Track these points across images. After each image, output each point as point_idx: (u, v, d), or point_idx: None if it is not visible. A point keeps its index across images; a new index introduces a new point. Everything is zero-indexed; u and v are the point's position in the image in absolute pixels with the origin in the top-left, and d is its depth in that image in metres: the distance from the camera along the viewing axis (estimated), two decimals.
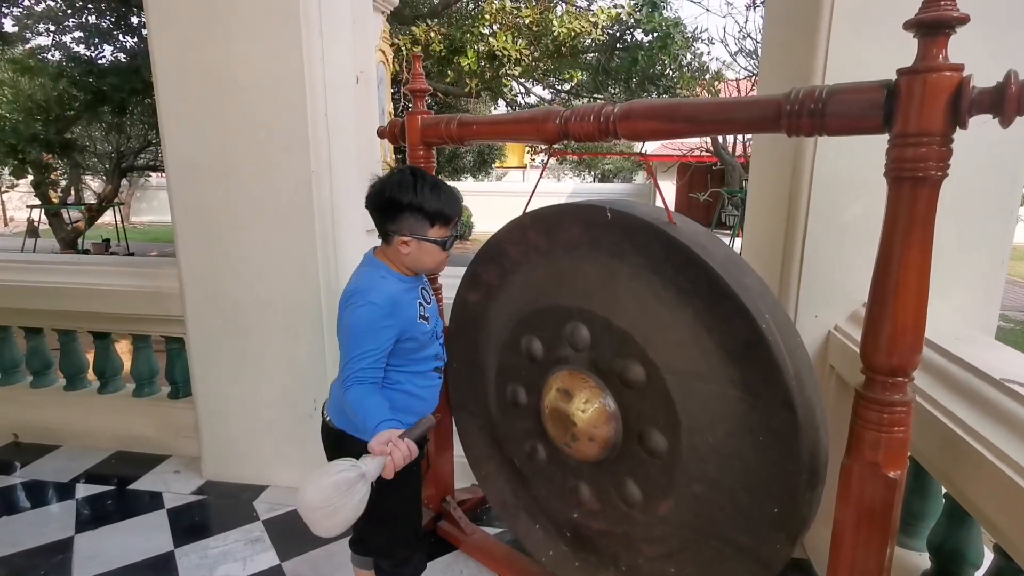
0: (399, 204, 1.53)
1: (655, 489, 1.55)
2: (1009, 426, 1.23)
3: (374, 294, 1.52)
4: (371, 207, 1.59)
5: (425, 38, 8.52)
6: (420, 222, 1.55)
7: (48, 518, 2.51)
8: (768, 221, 2.16)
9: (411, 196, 1.53)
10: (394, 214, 1.54)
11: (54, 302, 2.95)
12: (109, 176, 12.65)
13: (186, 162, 2.47)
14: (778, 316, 1.32)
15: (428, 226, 1.56)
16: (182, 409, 3.01)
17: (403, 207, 1.53)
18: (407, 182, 1.54)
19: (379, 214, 1.58)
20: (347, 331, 1.52)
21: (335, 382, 1.67)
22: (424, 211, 1.54)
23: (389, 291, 1.55)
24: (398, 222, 1.54)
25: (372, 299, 1.51)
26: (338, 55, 2.45)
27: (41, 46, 9.29)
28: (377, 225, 1.59)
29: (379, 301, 1.51)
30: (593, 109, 1.53)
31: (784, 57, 2.15)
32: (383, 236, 1.59)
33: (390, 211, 1.54)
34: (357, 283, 1.57)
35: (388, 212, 1.55)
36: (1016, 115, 0.96)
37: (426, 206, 1.54)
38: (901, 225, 1.06)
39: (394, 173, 1.57)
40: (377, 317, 1.51)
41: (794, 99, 1.16)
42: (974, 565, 1.49)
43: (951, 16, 0.97)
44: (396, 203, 1.53)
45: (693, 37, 9.39)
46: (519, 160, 23.55)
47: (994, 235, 1.84)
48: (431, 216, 1.55)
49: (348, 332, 1.52)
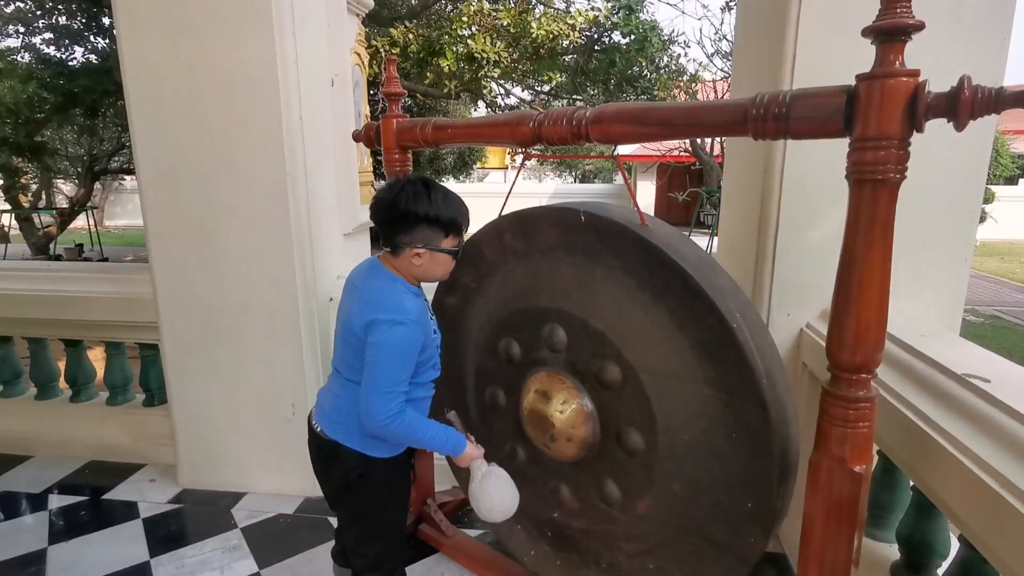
0: (415, 216, 1.48)
1: (634, 487, 1.57)
2: (970, 420, 1.27)
3: (411, 312, 1.47)
4: (382, 219, 1.53)
5: (403, 40, 8.48)
6: (435, 233, 1.51)
7: (20, 530, 2.46)
8: (741, 221, 2.20)
9: (427, 207, 1.48)
10: (409, 226, 1.49)
11: (24, 309, 2.89)
12: (82, 180, 12.40)
13: (158, 165, 2.43)
14: (749, 316, 1.35)
15: (443, 237, 1.53)
16: (157, 417, 2.97)
17: (420, 219, 1.48)
18: (421, 193, 1.49)
19: (391, 225, 1.51)
20: (385, 354, 1.44)
21: (327, 390, 1.65)
22: (440, 222, 1.51)
23: (418, 307, 1.51)
24: (412, 233, 1.49)
25: (411, 317, 1.47)
26: (313, 57, 2.44)
27: (10, 48, 9.08)
28: (387, 236, 1.53)
29: (416, 318, 1.48)
30: (566, 113, 1.55)
31: (755, 60, 2.19)
32: (393, 247, 1.53)
33: (405, 223, 1.49)
34: (386, 302, 1.49)
35: (402, 224, 1.49)
36: (969, 119, 0.99)
37: (442, 217, 1.50)
38: (863, 226, 1.09)
39: (403, 184, 1.51)
40: (417, 337, 1.48)
41: (759, 103, 1.19)
42: (941, 555, 1.54)
43: (907, 23, 1.00)
44: (412, 215, 1.48)
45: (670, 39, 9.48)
46: (500, 161, 23.58)
47: (957, 233, 1.90)
48: (446, 227, 1.52)
49: (387, 352, 1.44)
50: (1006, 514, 1.07)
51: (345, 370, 1.57)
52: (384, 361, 1.44)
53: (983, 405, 1.27)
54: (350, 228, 2.87)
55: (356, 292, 1.56)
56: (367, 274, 1.58)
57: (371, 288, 1.54)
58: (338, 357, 1.60)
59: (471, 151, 16.97)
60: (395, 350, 1.44)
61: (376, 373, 1.44)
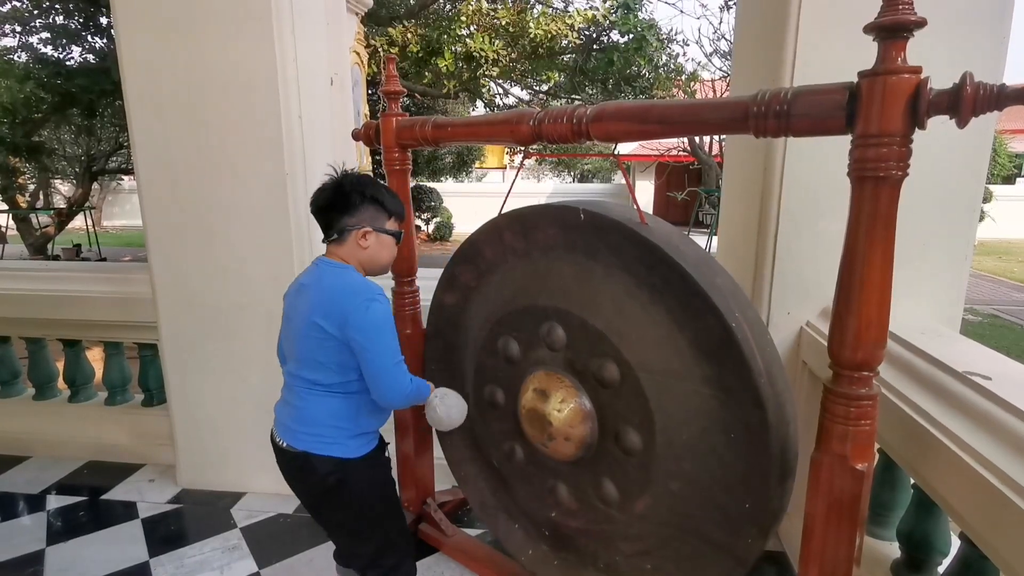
0: (361, 195, 1.53)
1: (632, 487, 1.57)
2: (971, 418, 1.27)
3: (377, 289, 1.50)
4: (326, 205, 1.55)
5: (402, 39, 8.48)
6: (380, 214, 1.56)
7: (18, 531, 2.45)
8: (741, 220, 2.20)
9: (371, 189, 1.55)
10: (354, 207, 1.53)
11: (22, 309, 2.88)
12: (79, 180, 12.37)
13: (157, 165, 2.43)
14: (748, 315, 1.35)
15: (387, 218, 1.58)
16: (156, 417, 2.96)
17: (365, 198, 1.53)
18: (364, 178, 1.57)
19: (334, 211, 1.54)
20: (375, 330, 1.46)
21: (285, 404, 1.63)
22: (383, 203, 1.57)
23: (379, 286, 1.53)
24: (358, 215, 1.53)
25: (380, 293, 1.49)
26: (312, 57, 2.43)
27: (7, 47, 9.05)
28: (330, 223, 1.55)
29: (384, 295, 1.51)
30: (566, 111, 1.54)
31: (755, 59, 2.18)
32: (339, 232, 1.54)
33: (349, 204, 1.52)
34: (347, 285, 1.49)
35: (347, 206, 1.52)
36: (972, 116, 0.99)
37: (385, 199, 1.57)
38: (864, 223, 1.09)
39: (342, 173, 1.58)
40: (390, 311, 1.51)
41: (760, 101, 1.18)
42: (942, 553, 1.54)
43: (909, 20, 1.00)
44: (358, 194, 1.52)
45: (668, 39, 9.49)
46: (499, 161, 23.57)
47: (958, 231, 1.90)
48: (388, 209, 1.58)
49: (377, 330, 1.46)
50: (1007, 511, 1.07)
51: (309, 373, 1.53)
52: (379, 339, 1.47)
53: (984, 402, 1.27)
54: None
55: (308, 290, 1.54)
56: (316, 272, 1.57)
57: (326, 281, 1.52)
58: (298, 363, 1.56)
59: (470, 151, 16.99)
60: (382, 325, 1.47)
61: (377, 354, 1.46)
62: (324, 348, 1.49)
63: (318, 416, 1.55)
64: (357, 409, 1.58)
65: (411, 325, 2.13)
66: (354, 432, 1.58)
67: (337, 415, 1.55)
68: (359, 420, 1.59)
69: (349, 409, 1.57)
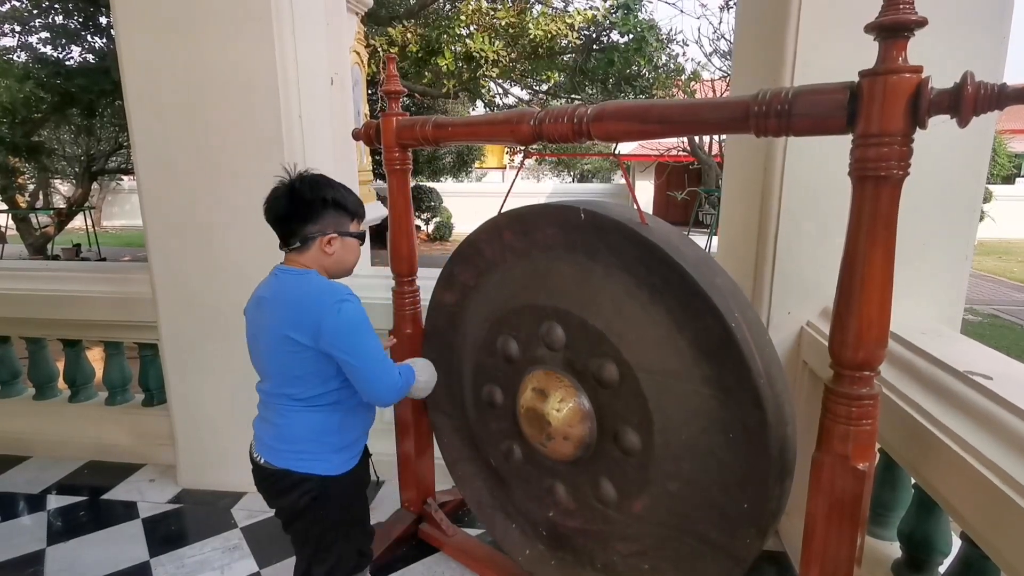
0: (323, 201, 1.46)
1: (630, 487, 1.57)
2: (972, 417, 1.27)
3: (345, 288, 1.45)
4: (285, 214, 1.47)
5: (401, 39, 8.48)
6: (342, 217, 1.50)
7: (18, 531, 2.45)
8: (742, 220, 2.20)
9: (331, 192, 1.48)
10: (316, 215, 1.46)
11: (22, 309, 2.88)
12: (79, 180, 12.36)
13: (157, 164, 2.42)
14: (748, 315, 1.35)
15: (349, 220, 1.52)
16: (156, 417, 2.96)
17: (327, 204, 1.47)
18: (320, 180, 1.50)
19: (295, 220, 1.46)
20: (354, 332, 1.41)
21: (264, 421, 1.56)
22: (346, 206, 1.51)
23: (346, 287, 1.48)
24: (321, 221, 1.47)
25: (349, 293, 1.44)
26: (312, 56, 2.43)
27: (6, 47, 9.06)
28: (290, 233, 1.48)
29: (351, 294, 1.45)
30: (567, 111, 1.54)
31: (755, 58, 2.18)
32: (301, 241, 1.47)
33: (311, 212, 1.46)
34: (314, 292, 1.43)
35: (308, 213, 1.46)
36: (973, 115, 0.99)
37: (347, 201, 1.51)
38: (865, 223, 1.09)
39: (295, 178, 1.49)
40: (361, 308, 1.45)
41: (761, 100, 1.18)
42: (943, 553, 1.54)
43: (910, 19, 1.00)
44: (319, 200, 1.46)
45: (668, 38, 9.49)
46: (498, 160, 23.56)
47: (958, 231, 1.90)
48: (351, 211, 1.53)
49: (355, 333, 1.41)
50: (1008, 510, 1.07)
51: (287, 389, 1.47)
52: (358, 342, 1.42)
53: (985, 402, 1.27)
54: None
55: (270, 303, 1.47)
56: (276, 283, 1.49)
57: (290, 292, 1.45)
58: (272, 380, 1.50)
59: (469, 151, 16.98)
60: (358, 326, 1.42)
61: (361, 357, 1.42)
62: (299, 361, 1.43)
63: (300, 433, 1.50)
64: (341, 419, 1.54)
65: (411, 324, 2.13)
66: (339, 445, 1.54)
67: (320, 430, 1.51)
68: (344, 431, 1.55)
69: (332, 422, 1.52)
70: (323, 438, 1.52)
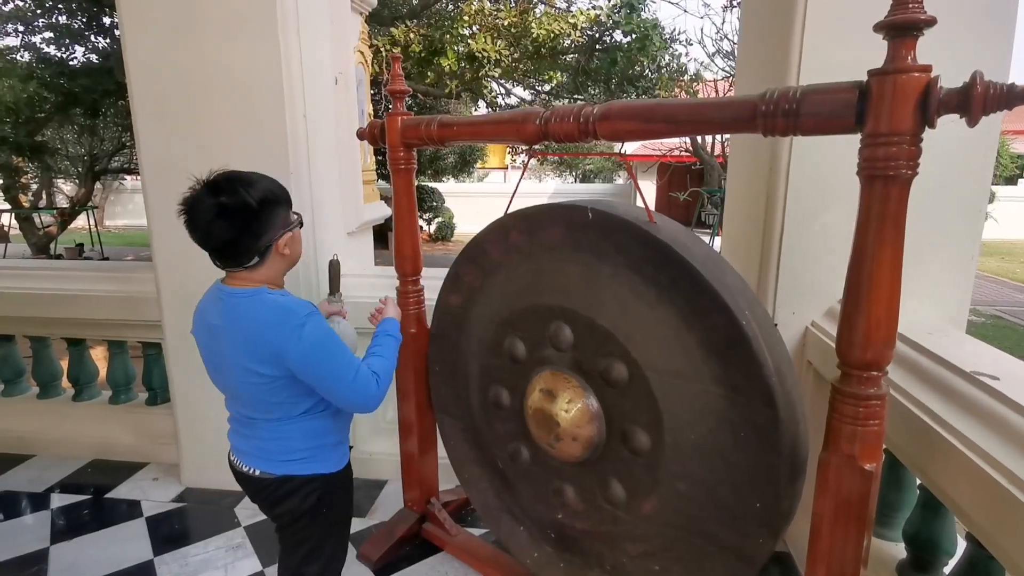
0: (276, 199, 1.36)
1: (639, 488, 1.56)
2: (979, 418, 1.27)
3: (300, 306, 1.36)
4: (234, 234, 1.31)
5: (404, 39, 8.48)
6: (285, 210, 1.40)
7: (22, 529, 2.46)
8: (746, 219, 2.19)
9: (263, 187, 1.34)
10: (271, 215, 1.34)
11: (25, 308, 2.89)
12: (82, 179, 12.39)
13: (161, 163, 2.43)
14: (758, 313, 1.34)
15: (288, 210, 1.42)
16: (160, 415, 2.96)
17: (279, 200, 1.36)
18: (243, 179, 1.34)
19: (247, 237, 1.32)
20: (320, 352, 1.34)
21: (246, 437, 1.53)
22: (287, 198, 1.41)
23: (296, 299, 1.40)
24: (275, 225, 1.36)
25: (306, 310, 1.36)
26: (316, 56, 2.43)
27: (10, 47, 9.06)
28: (243, 252, 1.34)
29: (309, 307, 1.38)
30: (573, 110, 1.54)
31: (760, 58, 2.18)
32: (260, 256, 1.35)
33: (260, 221, 1.33)
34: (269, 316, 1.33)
35: (259, 223, 1.33)
36: (982, 115, 0.98)
37: (278, 191, 1.39)
38: (874, 223, 1.08)
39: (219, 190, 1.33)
40: (324, 321, 1.39)
41: (769, 100, 1.18)
42: (948, 553, 1.53)
43: (919, 18, 1.00)
44: (265, 205, 1.33)
45: (671, 38, 9.48)
46: (500, 161, 23.55)
47: (964, 232, 1.89)
48: (285, 198, 1.41)
49: (321, 351, 1.35)
50: (1015, 511, 1.07)
51: (266, 414, 1.44)
52: (327, 360, 1.36)
53: (992, 402, 1.27)
54: (353, 227, 2.87)
55: (223, 332, 1.37)
56: (223, 308, 1.37)
57: (242, 319, 1.34)
58: (248, 407, 1.46)
59: (472, 151, 16.97)
60: (323, 343, 1.35)
61: (334, 376, 1.37)
62: (272, 391, 1.38)
63: (296, 443, 1.47)
64: (334, 417, 1.54)
65: (416, 325, 2.13)
66: (335, 442, 1.56)
67: (317, 434, 1.51)
68: (337, 428, 1.57)
69: (327, 424, 1.52)
70: (321, 440, 1.52)
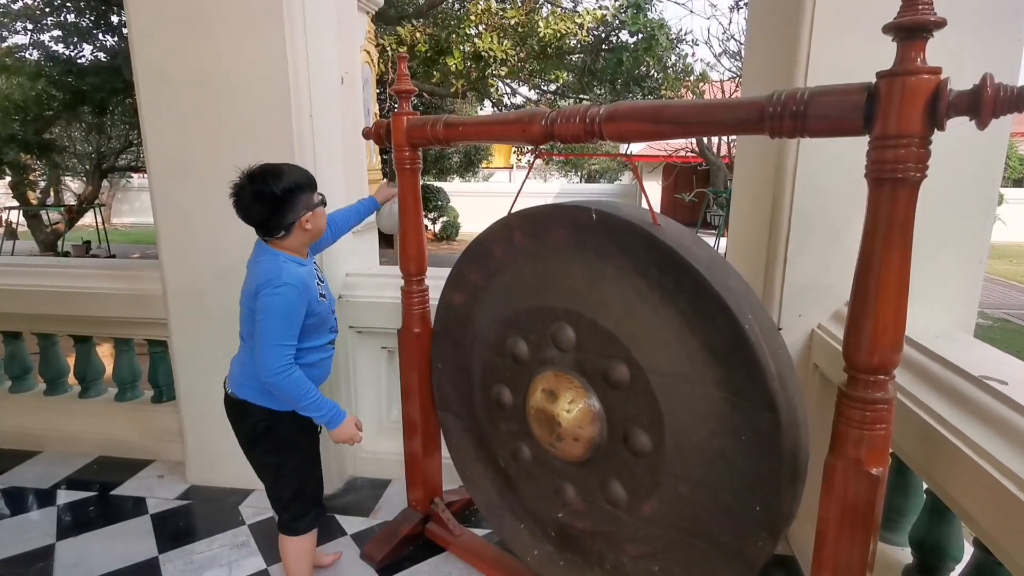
0: (295, 189, 1.68)
1: (640, 489, 1.56)
2: (987, 422, 1.26)
3: (287, 276, 1.66)
4: (266, 214, 1.68)
5: (410, 38, 8.49)
6: (308, 194, 1.72)
7: (28, 525, 2.47)
8: (752, 221, 2.18)
9: (290, 178, 1.68)
10: (292, 202, 1.68)
11: (33, 305, 2.90)
12: (89, 177, 12.46)
13: (169, 162, 2.43)
14: (761, 318, 1.34)
15: (312, 194, 1.74)
16: (166, 413, 2.97)
17: (292, 191, 1.67)
18: (275, 171, 1.68)
19: (275, 216, 1.68)
20: (268, 315, 1.64)
21: (236, 359, 1.87)
22: (308, 184, 1.73)
23: (298, 273, 1.69)
24: (296, 208, 1.69)
25: (288, 280, 1.65)
26: (323, 55, 2.43)
27: (18, 45, 9.11)
28: (275, 227, 1.70)
29: (294, 282, 1.66)
30: (579, 110, 1.53)
31: (767, 59, 2.17)
32: (286, 230, 1.71)
33: (285, 204, 1.67)
34: (266, 274, 1.67)
35: (284, 206, 1.67)
36: (992, 117, 0.97)
37: (302, 180, 1.72)
38: (882, 225, 1.08)
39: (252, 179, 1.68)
40: (295, 298, 1.66)
41: (776, 101, 1.17)
42: (954, 559, 1.52)
43: (929, 20, 0.99)
44: (290, 190, 1.67)
45: (677, 39, 9.45)
46: (506, 160, 23.54)
47: (972, 234, 1.88)
48: (310, 185, 1.74)
49: (270, 316, 1.64)
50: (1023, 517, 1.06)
51: (248, 339, 1.77)
52: (268, 321, 1.64)
53: (1000, 407, 1.26)
54: (359, 226, 2.86)
55: (248, 272, 1.76)
56: (253, 257, 1.78)
57: (257, 265, 1.74)
58: (244, 331, 1.81)
59: (477, 150, 16.98)
60: (276, 311, 1.64)
61: (264, 332, 1.64)
62: (251, 322, 1.71)
63: (254, 370, 1.71)
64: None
65: (420, 324, 2.13)
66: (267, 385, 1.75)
67: None
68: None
69: None
70: None
